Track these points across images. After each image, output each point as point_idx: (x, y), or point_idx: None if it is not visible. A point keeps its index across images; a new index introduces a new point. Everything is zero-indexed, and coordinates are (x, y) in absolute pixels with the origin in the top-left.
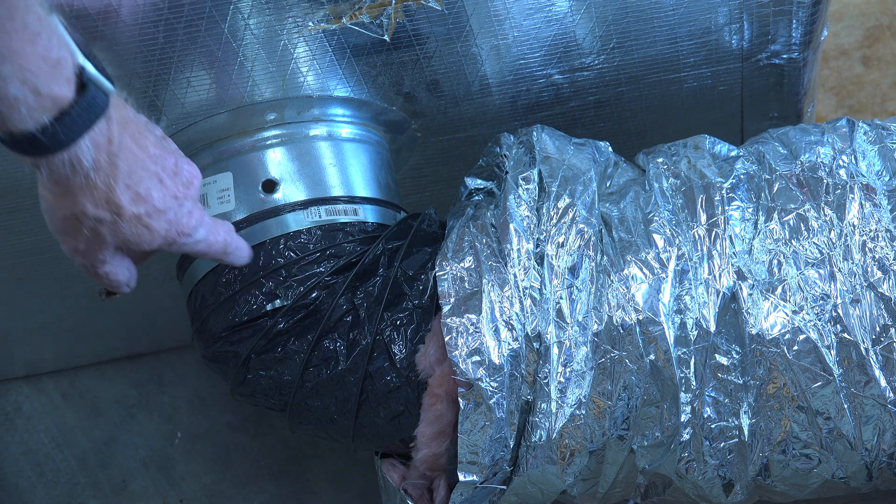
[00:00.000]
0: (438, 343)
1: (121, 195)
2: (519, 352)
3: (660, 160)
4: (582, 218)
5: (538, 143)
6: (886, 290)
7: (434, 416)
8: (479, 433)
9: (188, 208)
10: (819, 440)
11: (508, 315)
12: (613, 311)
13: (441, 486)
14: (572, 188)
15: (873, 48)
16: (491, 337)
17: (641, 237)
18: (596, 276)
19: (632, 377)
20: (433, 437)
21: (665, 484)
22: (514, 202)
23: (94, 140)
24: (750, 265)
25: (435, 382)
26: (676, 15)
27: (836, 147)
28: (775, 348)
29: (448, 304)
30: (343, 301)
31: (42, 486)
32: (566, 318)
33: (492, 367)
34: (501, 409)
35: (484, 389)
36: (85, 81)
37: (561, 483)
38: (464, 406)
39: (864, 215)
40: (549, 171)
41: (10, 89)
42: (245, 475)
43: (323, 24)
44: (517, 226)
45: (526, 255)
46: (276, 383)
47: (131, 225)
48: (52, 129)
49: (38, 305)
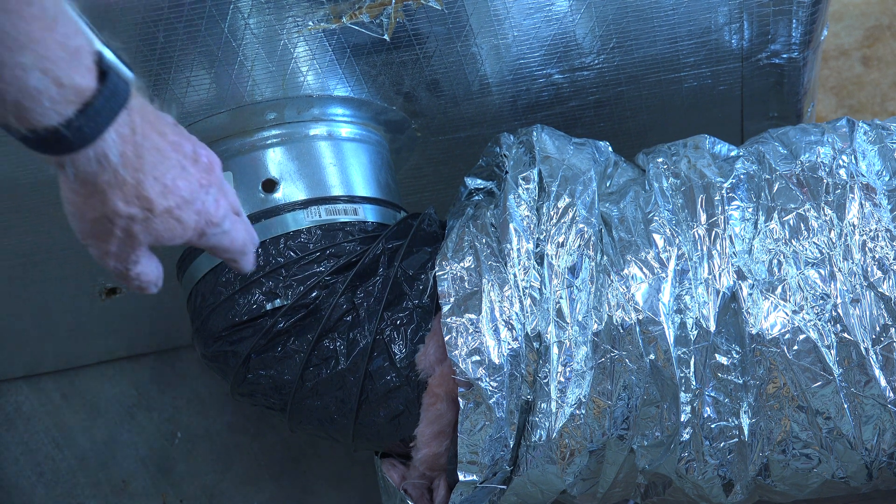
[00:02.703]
0: (438, 343)
1: (150, 188)
2: (519, 351)
3: (660, 160)
4: (582, 218)
5: (538, 143)
6: (886, 289)
7: (434, 416)
8: (479, 433)
9: (214, 196)
10: (819, 440)
11: (508, 315)
12: (613, 310)
13: (441, 485)
14: (572, 188)
15: (873, 48)
16: (491, 336)
17: (641, 237)
18: (596, 275)
19: (632, 377)
20: (433, 436)
21: (665, 484)
22: (514, 202)
23: (119, 132)
24: (750, 265)
25: (435, 382)
26: (676, 15)
27: (836, 147)
28: (775, 348)
29: (448, 303)
30: (343, 301)
31: (42, 486)
32: (566, 318)
33: (491, 367)
34: (501, 409)
35: (484, 389)
36: (105, 69)
37: (561, 483)
38: (464, 406)
39: (864, 215)
40: (548, 170)
41: (31, 80)
42: (245, 475)
43: (323, 24)
44: (517, 225)
45: (526, 255)
46: (275, 383)
47: (163, 220)
48: (77, 122)
49: (38, 305)
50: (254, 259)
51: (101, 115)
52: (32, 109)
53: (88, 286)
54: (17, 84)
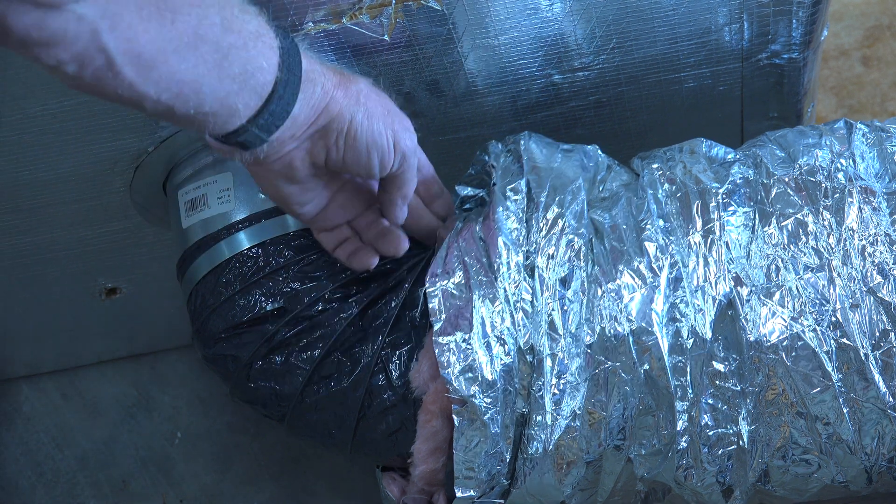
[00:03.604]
0: (431, 360)
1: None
2: (511, 366)
3: (654, 165)
4: (571, 228)
5: (526, 153)
6: (886, 294)
7: (430, 433)
8: (475, 449)
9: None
10: (818, 445)
11: (500, 330)
12: (606, 321)
13: (440, 500)
14: (561, 198)
15: (873, 48)
16: (483, 353)
17: (633, 246)
18: (587, 286)
19: (626, 387)
20: (429, 453)
21: (664, 491)
22: (503, 214)
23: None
24: (748, 270)
25: (429, 399)
26: (676, 15)
27: (835, 150)
28: (774, 355)
29: (439, 321)
30: (346, 317)
31: (42, 486)
32: (558, 330)
33: (485, 383)
34: (496, 424)
35: (478, 406)
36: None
37: (559, 494)
38: (458, 423)
39: (864, 219)
40: (536, 180)
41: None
42: (245, 475)
43: (323, 24)
44: (506, 238)
45: (516, 268)
46: (275, 394)
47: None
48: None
49: (38, 306)
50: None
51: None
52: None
53: (88, 286)
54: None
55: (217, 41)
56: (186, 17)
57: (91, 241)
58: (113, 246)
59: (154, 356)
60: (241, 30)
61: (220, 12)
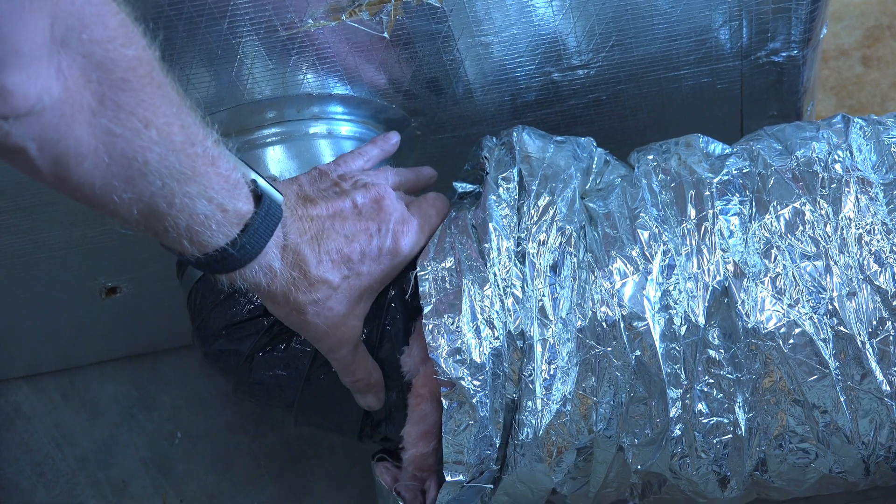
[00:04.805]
0: (421, 344)
1: (323, 271)
2: (501, 350)
3: (650, 157)
4: (562, 215)
5: (518, 144)
6: (883, 282)
7: (420, 416)
8: (464, 432)
9: (385, 230)
10: (816, 434)
11: (489, 314)
12: (597, 306)
13: (432, 486)
14: (552, 186)
15: (873, 48)
16: (472, 335)
17: (627, 232)
18: (578, 272)
19: (616, 373)
20: (420, 437)
21: (660, 482)
22: (494, 202)
23: (277, 244)
24: (745, 258)
25: (419, 382)
26: (675, 13)
27: (832, 142)
28: (770, 342)
29: (429, 304)
30: None
31: (42, 486)
32: (549, 316)
33: (473, 366)
34: (485, 408)
35: (466, 388)
36: (259, 194)
37: (550, 481)
38: (447, 405)
39: (861, 209)
40: (528, 169)
41: (199, 206)
42: (245, 475)
43: (322, 22)
44: (496, 225)
45: (506, 254)
46: (280, 382)
47: (350, 282)
48: (241, 241)
49: (38, 305)
50: None
51: (259, 232)
52: (203, 233)
53: (88, 286)
54: (186, 210)
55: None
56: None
57: (91, 240)
58: (113, 245)
59: (154, 356)
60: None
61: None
